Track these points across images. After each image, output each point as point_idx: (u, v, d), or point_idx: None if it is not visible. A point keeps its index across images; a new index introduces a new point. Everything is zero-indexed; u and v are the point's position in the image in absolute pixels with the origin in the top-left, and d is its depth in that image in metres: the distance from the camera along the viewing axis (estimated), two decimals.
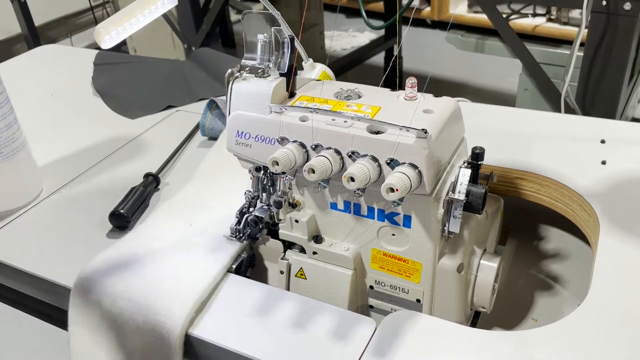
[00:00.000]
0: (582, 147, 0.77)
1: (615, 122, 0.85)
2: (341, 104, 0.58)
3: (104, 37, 0.64)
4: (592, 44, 1.28)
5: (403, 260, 0.60)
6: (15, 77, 1.22)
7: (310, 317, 0.56)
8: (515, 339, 0.53)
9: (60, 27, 3.10)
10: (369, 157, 0.54)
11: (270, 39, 0.58)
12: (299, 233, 0.63)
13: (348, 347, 0.53)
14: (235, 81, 0.60)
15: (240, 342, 0.54)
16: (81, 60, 1.25)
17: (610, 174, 0.71)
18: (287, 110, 0.58)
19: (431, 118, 0.55)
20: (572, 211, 0.71)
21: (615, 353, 0.51)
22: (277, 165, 0.54)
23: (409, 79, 0.58)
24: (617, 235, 0.62)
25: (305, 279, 0.64)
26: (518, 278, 0.76)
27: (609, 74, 1.28)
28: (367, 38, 3.14)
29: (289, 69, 0.59)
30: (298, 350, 0.53)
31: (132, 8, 0.66)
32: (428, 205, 0.55)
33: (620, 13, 1.21)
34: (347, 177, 0.51)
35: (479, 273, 0.62)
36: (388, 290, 0.63)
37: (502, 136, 0.81)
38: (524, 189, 0.74)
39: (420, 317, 0.56)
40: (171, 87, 1.12)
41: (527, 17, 2.42)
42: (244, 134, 0.60)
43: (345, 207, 0.61)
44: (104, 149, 0.92)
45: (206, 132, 0.92)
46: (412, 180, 0.51)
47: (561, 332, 0.53)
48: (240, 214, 0.65)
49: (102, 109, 1.07)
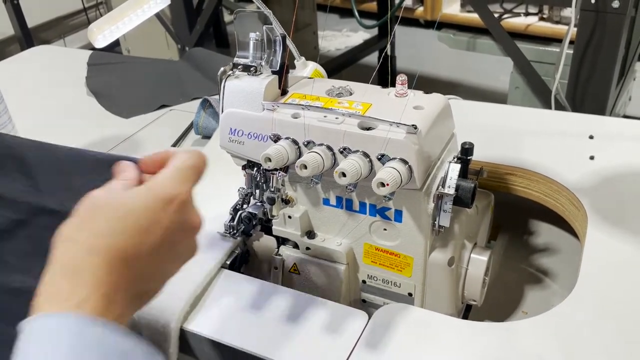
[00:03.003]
0: (571, 142, 0.78)
1: (603, 118, 0.86)
2: (333, 101, 0.59)
3: (97, 37, 0.65)
4: (582, 41, 1.29)
5: (395, 255, 0.61)
6: (9, 78, 1.22)
7: (303, 311, 0.57)
8: (505, 330, 0.54)
9: (54, 29, 3.10)
10: (360, 152, 0.55)
11: (262, 38, 0.59)
12: (292, 229, 0.64)
13: (340, 339, 0.54)
14: (227, 79, 0.60)
15: (235, 336, 0.55)
16: (75, 61, 1.26)
17: (598, 169, 0.72)
18: (280, 108, 0.58)
19: (421, 114, 0.56)
20: (561, 206, 0.72)
21: (601, 343, 0.52)
22: (270, 161, 0.55)
23: (399, 76, 0.58)
24: (604, 229, 0.64)
25: (298, 274, 0.65)
26: (508, 272, 0.77)
27: (598, 71, 1.30)
28: (361, 38, 3.15)
29: (281, 66, 0.59)
30: (291, 343, 0.54)
31: (124, 7, 0.67)
32: (419, 199, 0.56)
33: (609, 11, 1.22)
34: (339, 173, 0.52)
35: (470, 266, 0.63)
36: (380, 285, 0.64)
37: (492, 132, 0.82)
38: (514, 184, 0.75)
39: (412, 310, 0.57)
40: (165, 86, 1.13)
41: (520, 16, 2.44)
42: (236, 131, 0.61)
43: (337, 203, 0.61)
44: (98, 149, 0.93)
45: (200, 131, 0.93)
46: (402, 175, 0.52)
47: (549, 323, 0.54)
48: (233, 210, 0.66)
49: (95, 108, 1.07)
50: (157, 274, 0.43)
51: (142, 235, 0.40)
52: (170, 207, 0.42)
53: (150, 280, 0.42)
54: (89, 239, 0.39)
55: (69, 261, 0.38)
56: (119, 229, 0.39)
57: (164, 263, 0.43)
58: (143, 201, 0.41)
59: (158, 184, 0.43)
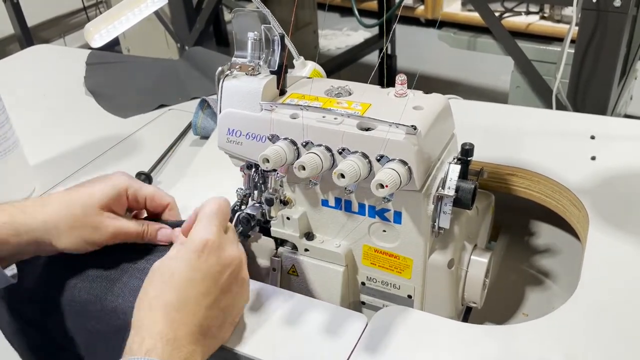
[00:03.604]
0: (572, 143, 0.78)
1: (604, 118, 0.85)
2: (331, 101, 0.58)
3: (93, 36, 0.64)
4: (583, 41, 1.28)
5: (394, 256, 0.61)
6: (8, 77, 1.22)
7: (302, 313, 0.57)
8: (505, 333, 0.54)
9: (54, 28, 3.09)
10: (359, 153, 0.54)
11: (260, 37, 0.59)
12: (291, 230, 0.63)
13: (339, 342, 0.53)
14: (225, 79, 0.60)
15: (233, 339, 0.55)
16: (73, 60, 1.25)
17: (599, 170, 0.72)
18: (278, 108, 0.58)
19: (421, 115, 0.55)
20: (563, 207, 0.71)
21: (602, 345, 0.51)
22: (268, 162, 0.54)
23: (398, 75, 0.58)
24: (606, 230, 0.63)
25: (297, 276, 0.65)
26: (509, 273, 0.76)
27: (599, 70, 1.29)
28: (362, 37, 3.14)
29: (280, 66, 0.59)
30: (290, 346, 0.53)
31: (121, 6, 0.66)
32: (418, 201, 0.56)
33: (611, 10, 1.21)
34: (338, 174, 0.51)
35: (470, 269, 0.62)
36: (380, 287, 0.63)
37: (492, 133, 0.81)
38: (515, 185, 0.75)
39: (411, 312, 0.56)
40: (163, 86, 1.12)
41: (521, 15, 2.43)
42: (234, 131, 0.60)
43: (336, 204, 0.61)
44: (96, 148, 0.92)
45: (198, 131, 0.92)
46: (401, 177, 0.51)
47: (550, 325, 0.53)
48: (232, 211, 0.65)
49: (94, 108, 1.07)
50: (216, 316, 0.51)
51: (187, 284, 0.49)
52: (203, 253, 0.50)
53: (207, 318, 0.50)
54: (147, 299, 0.49)
55: (135, 321, 0.48)
56: (166, 286, 0.49)
57: (216, 302, 0.51)
58: (182, 258, 0.50)
59: (189, 237, 0.52)
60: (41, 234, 0.54)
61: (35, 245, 0.54)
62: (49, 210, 0.54)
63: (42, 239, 0.54)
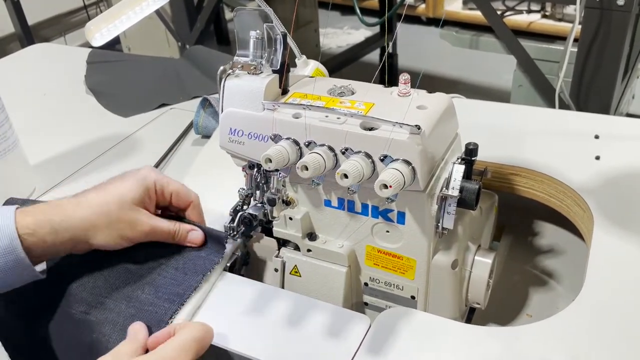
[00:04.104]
0: (576, 142, 0.77)
1: (608, 118, 0.85)
2: (334, 100, 0.58)
3: (94, 35, 0.64)
4: (586, 39, 1.28)
5: (397, 257, 0.60)
6: (8, 76, 1.21)
7: (305, 314, 0.56)
8: (509, 335, 0.53)
9: (54, 26, 3.09)
10: (363, 153, 0.54)
11: (262, 36, 0.58)
12: (293, 230, 0.63)
13: (343, 344, 0.53)
14: (227, 78, 0.59)
15: (235, 340, 0.54)
16: (74, 59, 1.25)
17: (604, 169, 0.71)
18: (280, 107, 0.57)
19: (425, 114, 0.55)
20: (567, 207, 0.71)
21: (608, 347, 0.51)
22: (270, 162, 0.54)
23: (402, 75, 0.57)
24: (611, 230, 0.62)
25: (299, 276, 0.64)
26: (513, 274, 0.76)
27: (603, 69, 1.29)
28: (363, 35, 3.14)
29: (282, 65, 0.58)
30: (293, 347, 0.53)
31: (122, 5, 0.65)
32: (422, 201, 0.55)
33: (614, 8, 1.21)
34: (341, 174, 0.51)
35: (473, 269, 0.61)
36: (383, 287, 0.63)
37: (496, 132, 0.81)
38: (519, 184, 0.74)
39: (415, 314, 0.56)
40: (165, 85, 1.12)
41: (522, 13, 2.43)
42: (236, 131, 0.60)
43: (339, 204, 0.60)
44: (97, 148, 0.92)
45: (200, 131, 0.92)
46: (405, 177, 0.51)
47: (554, 327, 0.53)
48: (234, 211, 0.65)
49: (95, 107, 1.06)
50: None
51: None
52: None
53: None
54: None
55: None
56: None
57: None
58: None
59: (160, 353, 0.48)
60: (78, 233, 0.54)
61: (71, 244, 0.55)
62: (86, 209, 0.55)
63: (78, 238, 0.54)
